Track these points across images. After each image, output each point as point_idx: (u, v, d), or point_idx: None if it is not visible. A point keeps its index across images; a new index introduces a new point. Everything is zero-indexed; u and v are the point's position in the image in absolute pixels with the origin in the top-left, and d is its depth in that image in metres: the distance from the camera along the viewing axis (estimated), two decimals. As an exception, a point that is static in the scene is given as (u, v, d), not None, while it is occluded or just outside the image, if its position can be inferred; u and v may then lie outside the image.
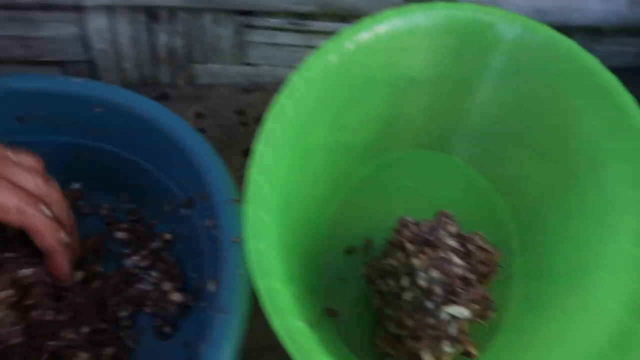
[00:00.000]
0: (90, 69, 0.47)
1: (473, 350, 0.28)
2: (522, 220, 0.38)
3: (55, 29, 0.44)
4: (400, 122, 0.40)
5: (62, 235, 0.29)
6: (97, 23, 0.44)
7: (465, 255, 0.31)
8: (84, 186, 0.38)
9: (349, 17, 0.46)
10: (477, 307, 0.29)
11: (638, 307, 0.23)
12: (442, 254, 0.29)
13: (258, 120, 0.46)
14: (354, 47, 0.33)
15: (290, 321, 0.22)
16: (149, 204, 0.37)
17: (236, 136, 0.45)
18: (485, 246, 0.32)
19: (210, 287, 0.29)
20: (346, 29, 0.33)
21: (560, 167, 0.35)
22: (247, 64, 0.49)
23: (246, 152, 0.44)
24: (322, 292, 0.35)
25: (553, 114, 0.35)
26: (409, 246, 0.30)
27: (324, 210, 0.38)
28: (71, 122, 0.35)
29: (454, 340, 0.28)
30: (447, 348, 0.28)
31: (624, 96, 0.31)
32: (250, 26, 0.46)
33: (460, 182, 0.41)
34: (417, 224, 0.32)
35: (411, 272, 0.29)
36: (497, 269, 0.33)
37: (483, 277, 0.31)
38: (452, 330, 0.28)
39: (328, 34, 0.47)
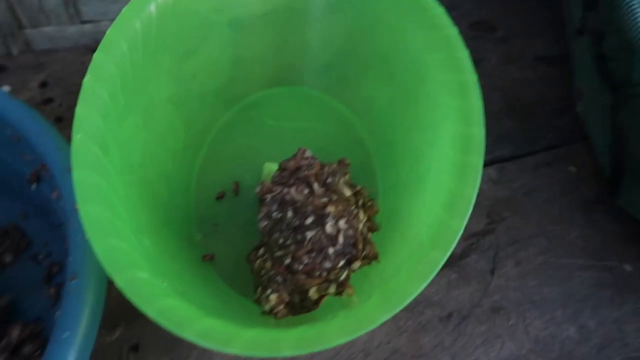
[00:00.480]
0: None
1: (350, 292, 0.30)
2: (378, 139, 0.41)
3: None
4: (249, 62, 0.40)
5: None
6: None
7: (362, 210, 0.32)
8: None
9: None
10: (367, 260, 0.31)
11: (452, 205, 0.26)
12: (351, 208, 0.30)
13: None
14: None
15: (131, 273, 0.22)
16: (3, 186, 0.35)
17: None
18: (371, 203, 0.34)
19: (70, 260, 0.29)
20: None
21: (398, 83, 0.37)
22: (85, 22, 0.46)
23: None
24: (199, 241, 0.36)
25: (384, 35, 0.36)
26: (317, 188, 0.31)
27: (187, 162, 0.38)
28: None
29: (339, 284, 0.30)
30: (332, 289, 0.30)
31: (437, 10, 0.33)
32: (76, -20, 0.43)
33: (320, 112, 0.43)
34: (315, 158, 0.33)
35: (319, 215, 0.30)
36: (377, 227, 0.34)
37: (370, 231, 0.33)
38: (343, 276, 0.30)
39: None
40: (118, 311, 0.34)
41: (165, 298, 0.23)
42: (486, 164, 0.43)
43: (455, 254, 0.38)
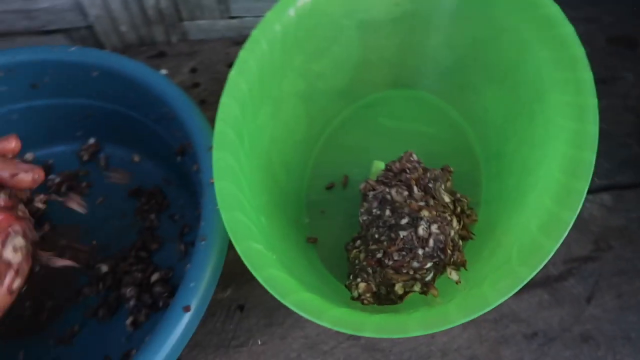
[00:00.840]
0: (92, 34, 0.51)
1: (435, 293, 0.32)
2: (488, 149, 0.41)
3: (52, 0, 0.48)
4: (373, 64, 0.43)
5: None
6: (89, -9, 0.47)
7: (457, 217, 0.34)
8: (98, 141, 0.44)
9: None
10: (454, 266, 0.32)
11: (548, 226, 0.27)
12: (446, 214, 0.32)
13: (245, 71, 0.50)
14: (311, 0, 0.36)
15: (249, 243, 0.26)
16: (153, 154, 0.42)
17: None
18: (470, 212, 0.35)
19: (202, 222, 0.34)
20: None
21: (516, 96, 0.37)
22: (233, 17, 0.52)
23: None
24: (306, 224, 0.40)
25: (508, 47, 0.37)
26: (416, 191, 0.33)
27: (305, 152, 0.42)
28: (75, 86, 0.40)
29: (425, 284, 0.32)
30: (416, 287, 0.32)
31: (566, 28, 0.33)
32: (231, -19, 0.48)
33: (433, 117, 0.44)
34: (420, 163, 0.35)
35: (413, 217, 0.32)
36: (472, 235, 0.35)
37: (462, 239, 0.35)
38: (428, 278, 0.32)
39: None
40: (230, 274, 0.39)
41: (273, 268, 0.26)
42: (601, 189, 0.42)
43: (552, 275, 0.38)
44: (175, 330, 0.27)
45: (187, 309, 0.28)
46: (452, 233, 0.32)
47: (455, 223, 0.33)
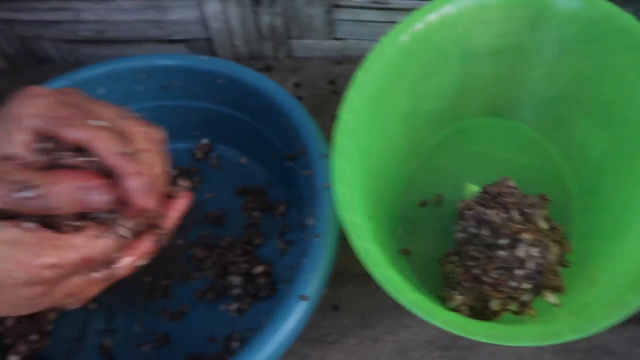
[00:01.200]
0: (209, 45, 0.56)
1: (532, 313, 0.34)
2: (583, 184, 0.42)
3: (181, 13, 0.53)
4: (472, 91, 0.45)
5: (127, 150, 0.25)
6: (213, 7, 0.52)
7: (555, 244, 0.35)
8: (211, 141, 0.49)
9: (429, -6, 0.51)
10: (551, 290, 0.34)
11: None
12: (545, 239, 0.34)
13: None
14: (424, 27, 0.39)
15: (365, 243, 0.29)
16: (261, 157, 0.47)
17: (328, 103, 0.53)
18: (564, 241, 0.36)
19: (309, 221, 0.37)
20: (416, 11, 0.38)
21: (618, 134, 0.39)
22: (337, 39, 0.56)
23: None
24: (399, 236, 0.42)
25: (611, 85, 0.38)
26: (515, 214, 0.35)
27: (402, 168, 0.45)
28: (201, 90, 0.45)
29: (522, 304, 0.34)
30: (513, 306, 0.34)
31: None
32: (337, 6, 0.52)
33: (527, 147, 0.46)
34: (516, 189, 0.37)
35: (513, 239, 0.34)
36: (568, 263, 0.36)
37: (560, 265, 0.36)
38: (526, 298, 0.34)
39: (407, 10, 0.52)
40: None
41: (388, 269, 0.29)
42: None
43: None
44: (292, 316, 0.30)
45: (303, 297, 0.31)
46: (551, 258, 0.34)
47: (554, 249, 0.34)
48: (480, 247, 0.35)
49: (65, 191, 0.23)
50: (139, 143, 0.26)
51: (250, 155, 0.48)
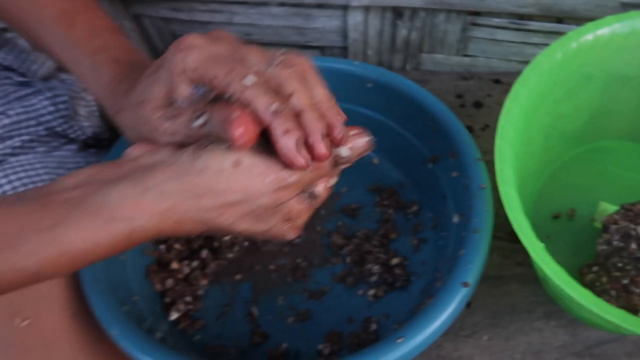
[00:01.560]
0: (342, 53, 0.61)
1: None
2: None
3: (324, 22, 0.58)
4: (610, 114, 0.47)
5: (279, 108, 0.25)
6: (355, 18, 0.57)
7: None
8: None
9: (565, 18, 0.53)
10: None
11: None
12: None
13: (474, 103, 0.56)
14: (576, 47, 0.41)
15: (533, 240, 0.32)
16: (394, 159, 0.50)
17: (457, 115, 0.55)
18: None
19: (455, 219, 0.40)
20: (572, 32, 0.41)
21: None
22: (466, 56, 0.59)
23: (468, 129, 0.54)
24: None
25: None
26: None
27: (535, 180, 0.47)
28: (348, 92, 0.48)
29: None
30: None
31: None
32: (475, 24, 0.55)
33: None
34: None
35: None
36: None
37: None
38: None
39: (543, 32, 0.54)
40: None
41: (557, 265, 0.31)
42: None
43: None
44: (455, 300, 0.33)
45: (466, 284, 0.33)
46: None
47: None
48: (627, 259, 0.37)
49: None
50: (290, 85, 0.27)
51: (384, 156, 0.51)
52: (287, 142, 0.25)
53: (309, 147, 0.26)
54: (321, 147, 0.26)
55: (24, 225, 0.23)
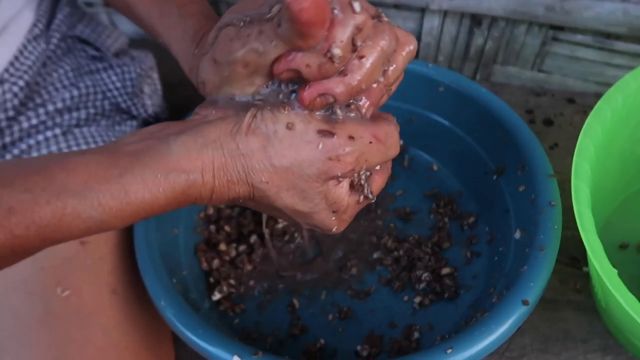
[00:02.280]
0: (412, 57, 0.60)
1: None
2: None
3: (399, 23, 0.57)
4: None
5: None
6: (431, 22, 0.55)
7: None
8: (405, 143, 0.51)
9: (656, 42, 0.50)
10: None
11: None
12: None
13: (545, 121, 0.54)
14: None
15: (605, 262, 0.30)
16: (455, 167, 0.48)
17: (526, 130, 0.53)
18: None
19: (517, 235, 0.38)
20: None
21: None
22: (541, 71, 0.56)
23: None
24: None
25: None
26: None
27: (604, 205, 0.44)
28: (417, 94, 0.47)
29: None
30: None
31: None
32: (556, 39, 0.53)
33: None
34: None
35: None
36: None
37: None
38: None
39: (629, 54, 0.51)
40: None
41: (627, 291, 0.29)
42: None
43: None
44: (512, 316, 0.31)
45: (526, 302, 0.32)
46: None
47: None
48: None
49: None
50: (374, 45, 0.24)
51: (444, 163, 0.50)
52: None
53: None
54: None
55: (91, 174, 0.23)
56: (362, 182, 0.28)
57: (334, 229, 0.28)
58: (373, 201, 0.29)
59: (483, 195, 0.46)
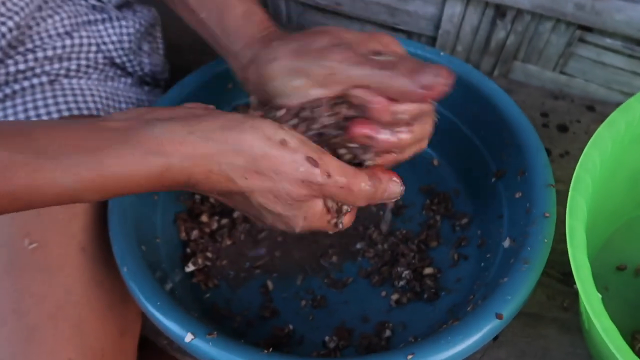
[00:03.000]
0: (429, 43, 0.57)
1: None
2: None
3: (419, 7, 0.54)
4: None
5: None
6: (453, 8, 0.52)
7: None
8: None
9: (690, 55, 0.46)
10: None
11: None
12: None
13: (559, 126, 0.51)
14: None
15: (590, 287, 0.28)
16: (455, 164, 0.46)
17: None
18: None
19: (506, 243, 0.36)
20: None
21: None
22: (563, 73, 0.53)
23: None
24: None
25: None
26: None
27: (608, 224, 0.42)
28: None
29: None
30: None
31: None
32: (583, 40, 0.50)
33: None
34: None
35: None
36: None
37: None
38: None
39: (659, 66, 0.48)
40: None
41: (608, 319, 0.27)
42: None
43: None
44: (483, 330, 0.29)
45: (500, 316, 0.30)
46: None
47: None
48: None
49: None
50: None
51: (445, 159, 0.48)
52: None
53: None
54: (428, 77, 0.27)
55: (69, 142, 0.24)
56: (340, 210, 0.30)
57: (297, 230, 0.30)
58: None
59: (480, 197, 0.44)
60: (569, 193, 0.31)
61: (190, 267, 0.42)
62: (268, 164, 0.26)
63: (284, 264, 0.43)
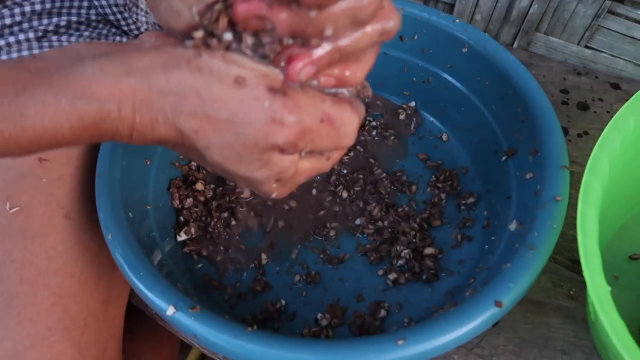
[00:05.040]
0: (447, 9, 0.53)
1: None
2: None
3: (436, -31, 0.50)
4: None
5: None
6: (472, -27, 0.49)
7: None
8: (417, 107, 0.46)
9: None
10: None
11: None
12: None
13: (580, 104, 0.48)
14: None
15: (599, 280, 0.25)
16: (466, 141, 0.43)
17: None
18: None
19: (512, 226, 0.34)
20: None
21: None
22: (588, 47, 0.50)
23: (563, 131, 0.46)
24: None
25: None
26: None
27: (623, 211, 0.39)
28: (439, 53, 0.42)
29: None
30: None
31: None
32: (612, 12, 0.46)
33: None
34: None
35: None
36: None
37: None
38: None
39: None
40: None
41: (615, 311, 0.25)
42: None
43: None
44: (479, 317, 0.28)
45: (499, 304, 0.28)
46: None
47: None
48: None
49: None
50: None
51: (455, 134, 0.45)
52: None
53: None
54: None
55: None
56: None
57: (273, 195, 0.25)
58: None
59: (489, 176, 0.41)
60: (584, 176, 0.29)
61: (182, 236, 0.40)
62: (223, 109, 0.21)
63: (280, 236, 0.41)
